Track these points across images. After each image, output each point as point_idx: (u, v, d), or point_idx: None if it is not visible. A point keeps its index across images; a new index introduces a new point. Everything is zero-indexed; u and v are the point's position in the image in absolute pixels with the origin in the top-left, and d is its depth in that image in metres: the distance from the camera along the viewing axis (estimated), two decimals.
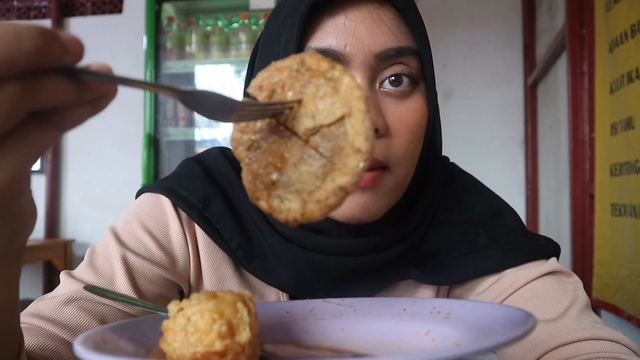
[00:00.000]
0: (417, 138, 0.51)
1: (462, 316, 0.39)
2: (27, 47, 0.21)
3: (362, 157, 0.31)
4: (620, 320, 1.37)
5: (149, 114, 2.45)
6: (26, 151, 0.24)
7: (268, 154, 0.35)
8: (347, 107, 0.32)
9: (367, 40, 0.47)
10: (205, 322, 0.29)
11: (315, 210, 0.32)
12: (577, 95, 1.60)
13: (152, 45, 2.45)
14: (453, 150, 2.89)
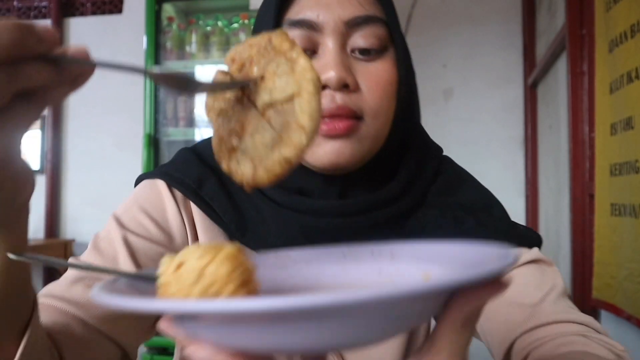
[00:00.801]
0: (387, 94, 0.56)
1: (407, 254, 0.41)
2: (5, 41, 0.25)
3: (305, 134, 0.34)
4: (620, 320, 1.37)
5: (149, 113, 2.45)
6: (15, 125, 0.28)
7: (233, 121, 0.39)
8: (298, 87, 0.35)
9: (337, 10, 0.54)
10: (226, 269, 0.29)
11: (264, 177, 0.36)
12: (577, 95, 1.60)
13: (152, 45, 2.45)
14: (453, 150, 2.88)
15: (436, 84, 2.56)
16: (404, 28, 2.56)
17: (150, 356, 2.37)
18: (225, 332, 0.26)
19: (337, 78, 0.52)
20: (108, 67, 0.31)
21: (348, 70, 0.54)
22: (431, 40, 2.57)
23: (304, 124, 0.34)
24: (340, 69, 0.53)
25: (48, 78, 0.28)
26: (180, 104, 2.52)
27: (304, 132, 0.34)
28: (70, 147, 2.85)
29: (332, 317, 0.24)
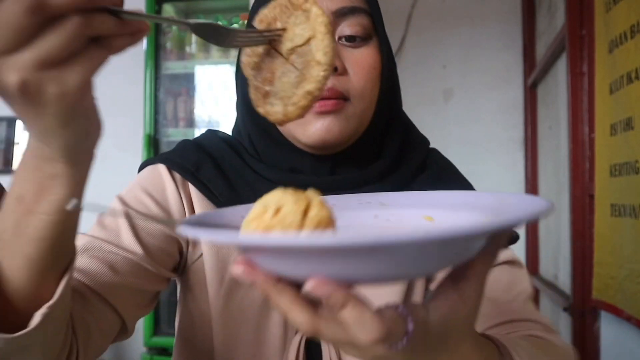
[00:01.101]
0: (372, 78, 0.62)
1: (394, 202, 0.47)
2: None
3: (322, 68, 0.41)
4: (620, 321, 1.37)
5: (149, 114, 2.45)
6: (89, 64, 0.34)
7: (265, 71, 0.46)
8: (312, 30, 0.43)
9: (326, 2, 0.60)
10: (326, 212, 0.33)
11: (293, 111, 0.43)
12: (577, 95, 1.60)
13: (152, 45, 2.45)
14: (453, 150, 2.87)
15: (436, 84, 2.56)
16: (404, 28, 2.56)
17: (150, 356, 2.37)
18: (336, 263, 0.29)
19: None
20: (156, 20, 0.40)
21: (337, 58, 0.59)
22: (431, 41, 2.57)
23: (320, 60, 0.41)
24: None
25: (113, 27, 0.34)
26: (180, 104, 2.52)
27: (320, 66, 0.41)
28: None
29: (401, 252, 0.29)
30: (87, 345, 0.53)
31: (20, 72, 0.32)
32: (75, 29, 0.32)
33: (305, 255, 0.29)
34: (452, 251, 0.31)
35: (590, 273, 1.51)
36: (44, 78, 0.32)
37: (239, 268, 0.32)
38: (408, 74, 2.56)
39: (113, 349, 2.68)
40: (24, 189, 0.40)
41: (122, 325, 0.60)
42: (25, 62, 0.31)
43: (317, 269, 0.29)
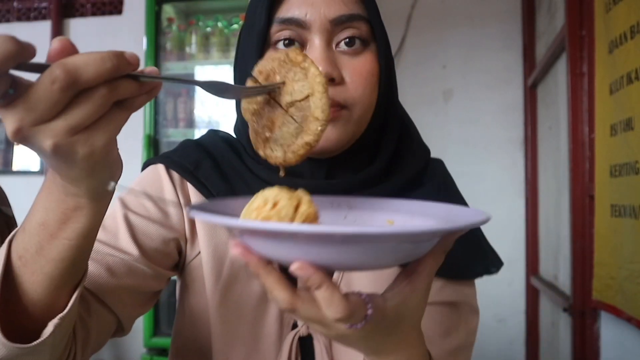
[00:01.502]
0: (369, 85, 0.61)
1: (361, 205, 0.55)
2: (109, 66, 0.35)
3: (319, 123, 0.47)
4: (620, 321, 1.37)
5: (148, 114, 2.45)
6: (113, 126, 0.39)
7: (264, 119, 0.51)
8: (312, 89, 0.48)
9: (323, 9, 0.59)
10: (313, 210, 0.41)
11: (292, 158, 0.48)
12: (577, 96, 1.60)
13: (152, 46, 2.45)
14: (453, 151, 2.87)
15: (436, 85, 2.56)
16: (404, 29, 2.56)
17: (150, 357, 2.37)
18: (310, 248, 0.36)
19: (324, 73, 0.55)
20: (171, 81, 0.43)
21: (334, 65, 0.59)
22: (431, 41, 2.57)
23: (318, 116, 0.47)
24: (326, 65, 0.58)
25: (134, 90, 0.38)
26: (180, 105, 2.52)
27: (318, 122, 0.47)
28: None
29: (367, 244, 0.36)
30: (85, 346, 0.56)
31: (54, 138, 0.36)
32: (103, 98, 0.36)
33: (293, 242, 0.35)
34: (406, 247, 0.38)
35: (590, 273, 1.51)
36: (75, 141, 0.37)
37: (237, 250, 0.38)
38: (408, 74, 2.56)
39: (113, 349, 2.68)
40: (47, 217, 0.44)
41: (118, 325, 0.63)
42: (58, 129, 0.35)
43: (301, 254, 0.36)
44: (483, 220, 0.39)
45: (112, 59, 0.36)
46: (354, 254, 0.36)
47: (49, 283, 0.45)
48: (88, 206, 0.43)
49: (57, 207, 0.43)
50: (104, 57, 0.35)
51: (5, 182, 3.14)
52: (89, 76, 0.35)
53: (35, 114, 0.34)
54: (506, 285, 2.43)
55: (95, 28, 2.83)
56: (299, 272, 0.36)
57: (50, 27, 2.82)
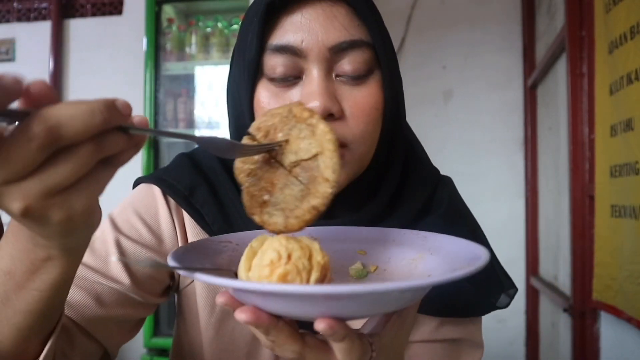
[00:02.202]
0: (373, 120, 0.56)
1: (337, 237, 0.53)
2: (97, 121, 0.30)
3: (329, 185, 0.41)
4: (620, 322, 1.37)
5: (148, 115, 2.45)
6: (97, 185, 0.34)
7: (262, 180, 0.45)
8: (321, 147, 0.43)
9: (321, 35, 0.53)
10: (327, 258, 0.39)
11: (295, 224, 0.42)
12: (577, 96, 1.60)
13: (152, 46, 2.45)
14: (452, 150, 2.87)
15: (436, 85, 2.56)
16: (404, 29, 2.56)
17: (150, 357, 2.37)
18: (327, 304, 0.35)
19: (322, 108, 0.51)
20: (167, 135, 0.38)
21: (333, 99, 0.53)
22: (431, 42, 2.57)
23: (328, 177, 0.42)
24: (325, 99, 0.52)
25: (123, 145, 0.33)
26: (180, 105, 2.52)
27: (328, 183, 0.42)
28: None
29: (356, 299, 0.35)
30: None
31: (25, 200, 0.30)
32: (87, 156, 0.31)
33: (316, 300, 0.34)
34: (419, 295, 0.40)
35: (591, 274, 1.51)
36: (49, 205, 0.31)
37: (244, 315, 0.35)
38: (408, 74, 2.55)
39: None
40: (14, 266, 0.39)
41: (104, 354, 0.61)
42: (31, 190, 0.30)
43: (324, 310, 0.35)
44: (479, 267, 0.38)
45: (103, 111, 0.30)
46: (373, 305, 0.37)
47: (16, 334, 0.41)
48: (60, 258, 0.38)
49: (25, 257, 0.38)
50: (93, 110, 0.30)
51: None
52: (74, 133, 0.29)
53: (4, 172, 0.29)
54: None
55: (95, 28, 2.83)
56: (327, 330, 0.35)
57: (50, 28, 2.82)
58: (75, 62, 2.84)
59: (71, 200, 0.32)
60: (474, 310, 0.62)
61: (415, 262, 0.46)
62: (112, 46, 2.78)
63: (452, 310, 0.61)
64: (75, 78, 2.84)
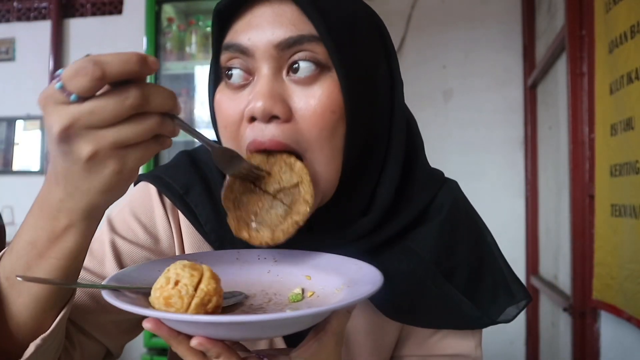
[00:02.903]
0: (329, 124, 0.51)
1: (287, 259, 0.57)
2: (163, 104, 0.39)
3: (308, 205, 0.50)
4: (620, 321, 1.37)
5: None
6: (147, 153, 0.40)
7: (248, 204, 0.53)
8: (300, 177, 0.51)
9: (268, 32, 0.51)
10: (213, 286, 0.43)
11: (280, 236, 0.51)
12: (577, 96, 1.60)
13: (152, 46, 2.45)
14: (453, 150, 2.87)
15: (436, 84, 2.56)
16: (404, 28, 2.56)
17: (150, 356, 2.37)
18: (204, 328, 0.41)
19: (262, 109, 0.49)
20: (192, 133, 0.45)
21: (277, 99, 0.50)
22: (431, 41, 2.57)
23: (307, 199, 0.51)
24: (266, 99, 0.49)
25: (171, 130, 0.41)
26: (180, 104, 2.52)
27: (307, 204, 0.50)
28: None
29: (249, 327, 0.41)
30: None
31: (96, 146, 0.37)
32: (154, 125, 0.39)
33: (189, 324, 0.41)
34: (284, 326, 0.44)
35: (591, 273, 1.51)
36: (112, 155, 0.38)
37: (148, 325, 0.41)
38: (408, 74, 2.54)
39: None
40: (37, 235, 0.43)
41: (107, 351, 0.61)
42: (105, 138, 0.37)
43: (200, 331, 0.41)
44: (369, 294, 0.43)
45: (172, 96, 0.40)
46: (241, 332, 0.42)
47: (35, 305, 0.45)
48: (80, 225, 0.42)
49: (48, 225, 0.42)
50: (172, 93, 0.40)
51: (5, 182, 3.12)
52: (157, 105, 0.39)
53: (95, 118, 0.36)
54: None
55: (95, 28, 2.83)
56: (199, 347, 0.40)
57: (50, 27, 2.81)
58: None
59: (127, 157, 0.39)
60: (472, 322, 0.59)
61: (337, 292, 0.49)
62: (112, 46, 2.78)
63: (451, 323, 0.60)
64: None
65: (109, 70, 0.35)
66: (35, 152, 2.86)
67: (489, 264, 0.62)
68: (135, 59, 0.37)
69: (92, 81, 0.35)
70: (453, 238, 0.60)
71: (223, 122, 0.54)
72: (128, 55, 0.36)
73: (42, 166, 2.84)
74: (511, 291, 0.61)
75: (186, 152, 0.68)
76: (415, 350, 0.63)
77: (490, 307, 0.60)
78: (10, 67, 2.90)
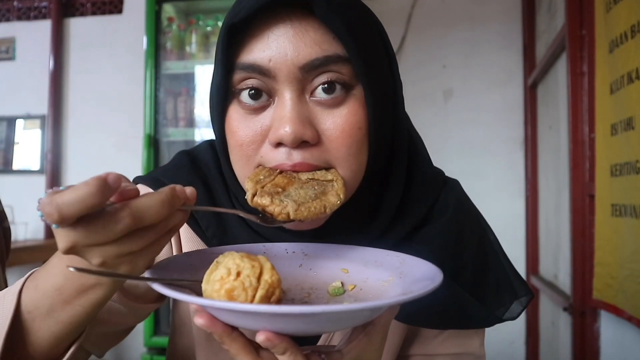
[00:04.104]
0: (356, 141, 0.51)
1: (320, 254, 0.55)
2: (167, 208, 0.39)
3: (339, 199, 0.49)
4: (620, 321, 1.37)
5: (149, 114, 2.45)
6: (158, 249, 0.43)
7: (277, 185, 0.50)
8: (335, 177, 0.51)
9: (291, 53, 0.48)
10: (277, 277, 0.42)
11: (304, 212, 0.48)
12: (577, 95, 1.60)
13: (152, 45, 2.45)
14: (453, 149, 2.86)
15: (436, 84, 2.56)
16: (404, 28, 2.56)
17: (150, 356, 2.37)
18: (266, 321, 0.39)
19: (293, 136, 0.48)
20: (213, 210, 0.50)
21: (306, 124, 0.49)
22: (431, 41, 2.57)
23: (340, 195, 0.49)
24: (296, 125, 0.48)
25: (183, 220, 0.43)
26: (180, 104, 2.52)
27: (339, 198, 0.49)
28: (70, 147, 2.85)
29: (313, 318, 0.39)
30: None
31: (102, 258, 0.38)
32: (157, 233, 0.40)
33: (257, 316, 0.38)
34: (357, 318, 0.42)
35: (591, 273, 1.51)
36: (120, 262, 0.40)
37: (201, 320, 0.39)
38: (408, 74, 2.55)
39: (113, 348, 2.68)
40: (65, 284, 0.45)
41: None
42: (108, 252, 0.38)
43: (266, 325, 0.39)
44: (432, 289, 0.41)
45: (170, 201, 0.40)
46: (311, 324, 0.40)
47: (53, 340, 0.47)
48: (108, 285, 0.45)
49: (77, 279, 0.44)
50: (164, 201, 0.39)
51: (5, 182, 3.12)
52: (151, 220, 0.38)
53: (91, 240, 0.37)
54: None
55: (96, 27, 2.83)
56: (266, 342, 0.38)
57: (50, 27, 2.81)
58: (76, 61, 2.84)
59: (137, 259, 0.41)
60: (478, 322, 0.60)
61: (387, 284, 0.48)
62: (112, 45, 2.78)
63: (457, 323, 0.60)
64: (75, 77, 2.84)
65: (66, 212, 0.34)
66: (35, 151, 2.86)
67: (493, 263, 0.62)
68: (93, 190, 0.34)
69: (55, 222, 0.35)
70: (458, 239, 0.59)
71: (237, 141, 0.52)
72: (86, 189, 0.34)
73: (42, 165, 2.84)
74: (514, 288, 0.61)
75: (185, 152, 0.67)
76: (420, 349, 0.63)
77: (495, 305, 0.60)
78: (10, 67, 2.90)
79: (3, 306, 0.47)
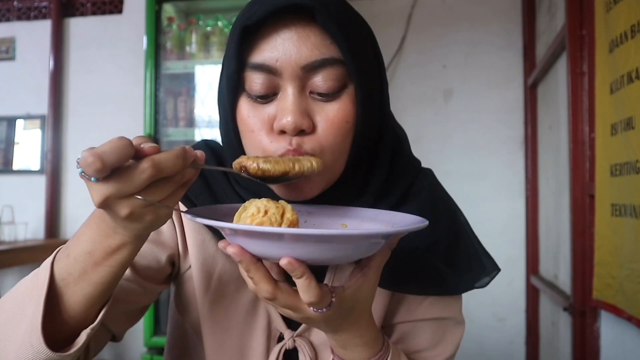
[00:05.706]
0: (342, 133, 0.60)
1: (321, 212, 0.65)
2: (181, 161, 0.46)
3: (311, 165, 0.56)
4: (620, 321, 1.37)
5: (149, 114, 2.45)
6: (176, 199, 0.49)
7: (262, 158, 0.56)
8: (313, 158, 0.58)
9: (295, 55, 0.57)
10: (296, 217, 0.52)
11: (275, 166, 0.54)
12: (577, 95, 1.60)
13: (152, 45, 2.45)
14: (453, 149, 2.86)
15: (436, 84, 2.56)
16: (404, 28, 2.56)
17: (150, 356, 2.37)
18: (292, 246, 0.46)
19: (294, 125, 0.57)
20: (217, 170, 0.60)
21: (305, 115, 0.58)
22: (431, 41, 2.57)
23: (313, 161, 0.56)
24: (296, 115, 0.57)
25: (194, 176, 0.49)
26: (180, 104, 2.52)
27: (311, 163, 0.56)
28: (70, 147, 2.85)
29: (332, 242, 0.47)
30: (87, 356, 0.62)
31: (131, 208, 0.45)
32: (175, 184, 0.47)
33: (281, 242, 0.46)
34: (363, 244, 0.49)
35: (591, 273, 1.51)
36: (146, 211, 0.46)
37: (233, 249, 0.48)
38: (408, 73, 2.55)
39: (113, 348, 2.68)
40: (94, 247, 0.51)
41: (112, 336, 0.68)
42: (136, 201, 0.45)
43: (288, 252, 0.46)
44: (420, 226, 0.51)
45: (184, 156, 0.46)
46: (326, 251, 0.47)
47: (86, 302, 0.53)
48: (132, 243, 0.51)
49: (104, 241, 0.50)
50: (179, 155, 0.46)
51: (5, 182, 3.13)
52: (168, 170, 0.45)
53: (122, 191, 0.43)
54: (506, 285, 2.43)
55: (96, 27, 2.83)
56: (288, 266, 0.46)
57: (50, 26, 2.81)
58: (76, 61, 2.84)
59: (159, 209, 0.47)
60: (459, 288, 0.69)
61: None
62: (112, 45, 2.78)
63: (441, 288, 0.69)
64: (75, 77, 2.84)
65: (107, 159, 0.41)
66: (35, 151, 2.86)
67: (463, 240, 0.72)
68: (126, 141, 0.43)
69: (97, 172, 0.41)
70: (432, 215, 0.66)
71: (249, 127, 0.61)
72: (120, 142, 0.42)
73: (42, 165, 2.84)
74: (482, 263, 0.71)
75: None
76: (405, 317, 0.71)
77: (467, 275, 0.70)
78: (10, 67, 2.90)
79: (38, 279, 0.53)
